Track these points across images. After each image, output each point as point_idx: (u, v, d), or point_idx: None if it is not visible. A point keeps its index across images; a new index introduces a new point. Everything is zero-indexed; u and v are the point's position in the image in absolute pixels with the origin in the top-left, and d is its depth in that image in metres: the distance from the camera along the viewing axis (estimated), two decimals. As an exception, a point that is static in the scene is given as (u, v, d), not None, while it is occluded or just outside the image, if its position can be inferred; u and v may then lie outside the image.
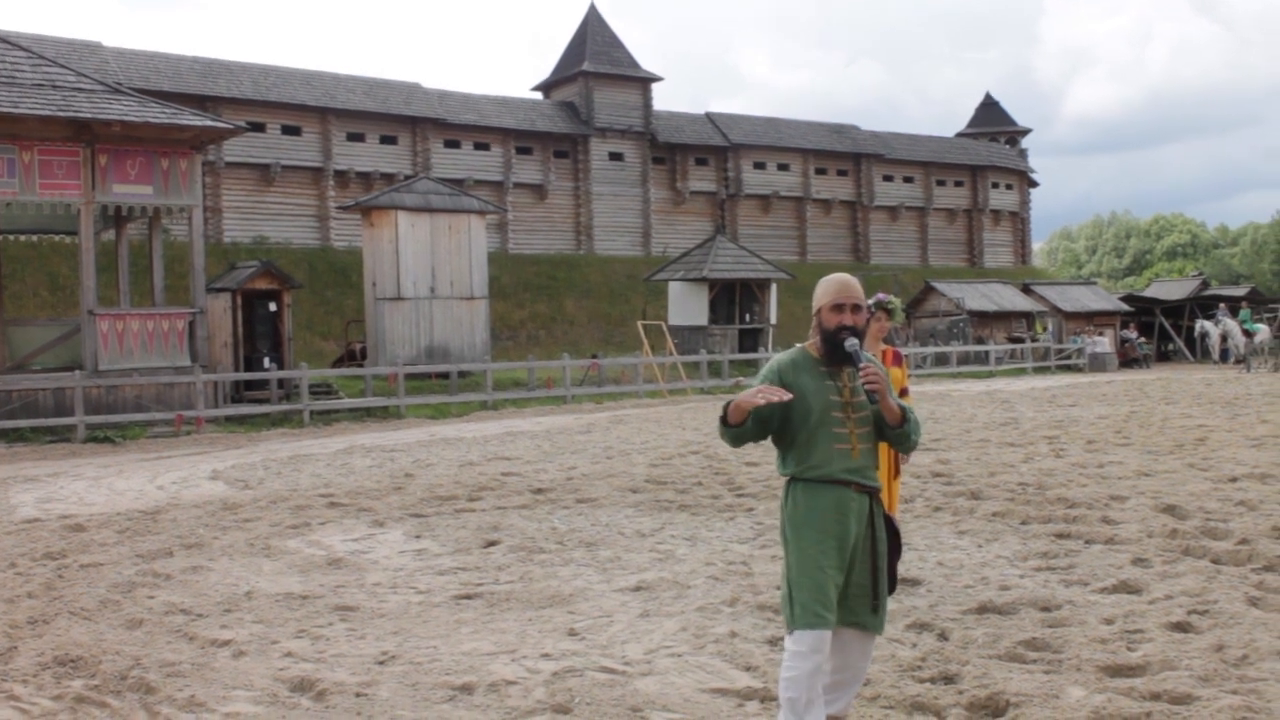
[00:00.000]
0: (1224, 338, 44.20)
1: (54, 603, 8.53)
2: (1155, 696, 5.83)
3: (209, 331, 25.98)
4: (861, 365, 4.86)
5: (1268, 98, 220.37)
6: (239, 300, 27.37)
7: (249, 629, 7.73)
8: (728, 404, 4.90)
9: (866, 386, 4.85)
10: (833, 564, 4.86)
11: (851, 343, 4.91)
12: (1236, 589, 7.96)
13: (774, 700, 5.99)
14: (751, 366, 37.61)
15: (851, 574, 4.96)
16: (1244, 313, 44.68)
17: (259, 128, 44.79)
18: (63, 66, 25.12)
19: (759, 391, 4.76)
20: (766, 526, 11.03)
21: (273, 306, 28.08)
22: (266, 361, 27.38)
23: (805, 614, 4.81)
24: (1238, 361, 42.35)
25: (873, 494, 5.02)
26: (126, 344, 24.00)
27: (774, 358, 5.13)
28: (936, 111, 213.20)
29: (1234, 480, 12.90)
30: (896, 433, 5.04)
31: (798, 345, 5.20)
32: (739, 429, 4.92)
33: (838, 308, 4.99)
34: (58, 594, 8.83)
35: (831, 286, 5.05)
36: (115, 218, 26.39)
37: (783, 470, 5.07)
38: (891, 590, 5.13)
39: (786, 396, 4.75)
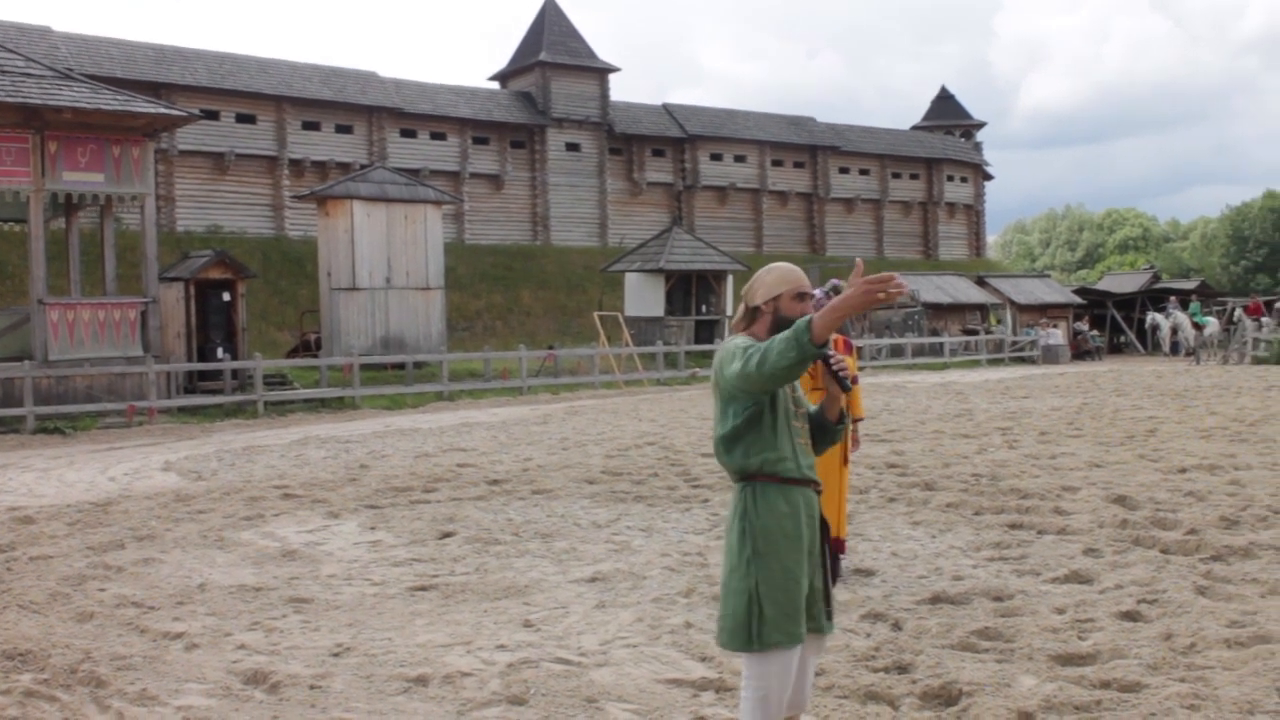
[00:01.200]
0: (1174, 331, 44.70)
1: (2, 595, 8.42)
2: (1105, 685, 5.89)
3: (162, 321, 25.73)
4: (831, 355, 4.57)
5: (1219, 94, 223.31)
6: (192, 290, 27.12)
7: (202, 621, 7.68)
8: (807, 322, 4.13)
9: (841, 373, 4.57)
10: (805, 573, 4.59)
11: None
12: (1185, 578, 8.06)
13: (728, 690, 6.02)
14: (708, 358, 37.63)
15: (813, 578, 4.72)
16: (1194, 306, 45.20)
17: (213, 116, 44.40)
18: (11, 51, 24.77)
19: (885, 278, 4.03)
20: (722, 518, 11.05)
21: (226, 296, 27.84)
22: (220, 352, 27.14)
23: (777, 632, 4.47)
24: (1188, 354, 42.84)
25: (819, 493, 4.79)
26: (77, 334, 23.73)
27: (732, 338, 4.67)
28: (894, 104, 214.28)
29: (1183, 471, 13.06)
30: (834, 429, 4.81)
31: (740, 335, 4.70)
32: (821, 349, 4.15)
33: (800, 297, 4.65)
34: (6, 587, 8.72)
35: (790, 276, 4.69)
36: (66, 206, 26.06)
37: (744, 462, 4.59)
38: (832, 584, 4.92)
39: (904, 285, 4.14)
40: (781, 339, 4.19)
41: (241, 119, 46.14)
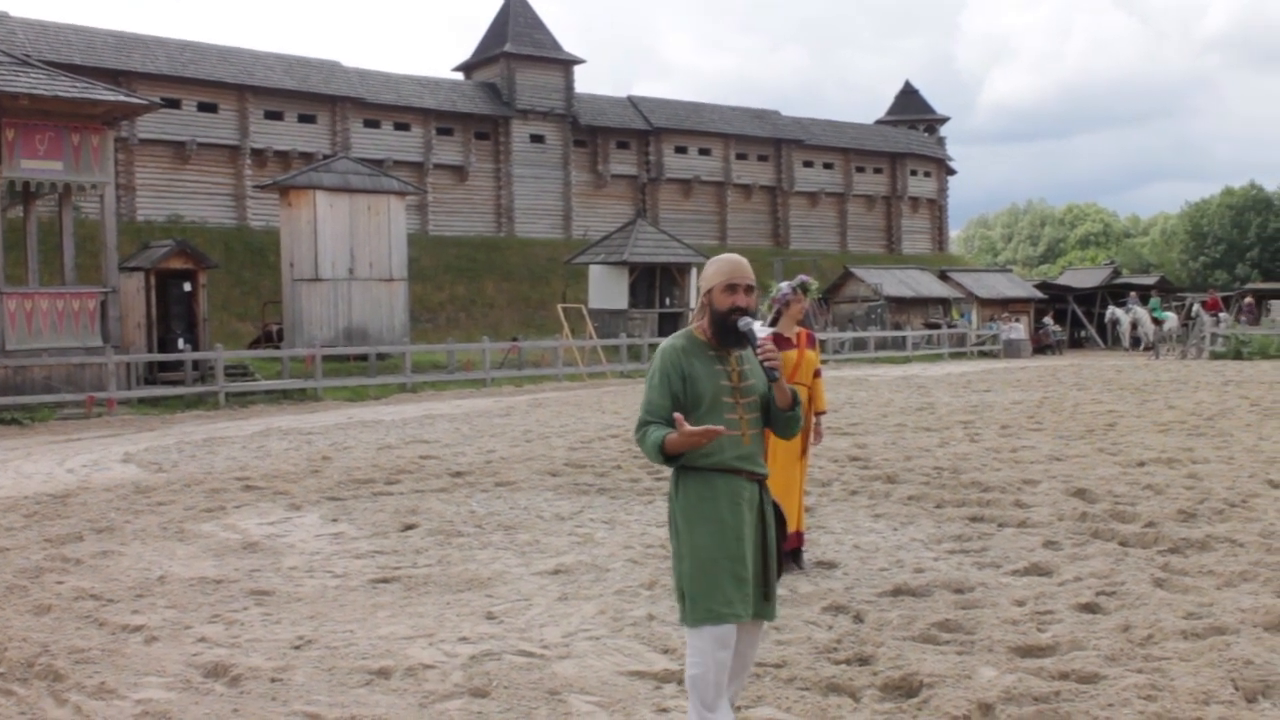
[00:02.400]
0: (1134, 325, 45.14)
1: (-41, 588, 8.34)
2: (1064, 676, 5.95)
3: (121, 311, 25.50)
4: (758, 343, 4.68)
5: (1180, 91, 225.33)
6: (153, 280, 26.91)
7: (161, 614, 7.62)
8: (663, 440, 4.57)
9: (766, 364, 4.66)
10: (732, 555, 4.65)
11: (745, 322, 4.71)
12: (1143, 571, 8.14)
13: (691, 682, 6.03)
14: (672, 350, 37.62)
15: (755, 567, 4.76)
16: (1153, 301, 45.66)
17: (174, 104, 44.01)
18: (-31, 38, 24.47)
19: (707, 433, 4.51)
20: (685, 510, 11.05)
21: (187, 286, 27.64)
22: (181, 342, 26.96)
23: (699, 610, 4.61)
24: (1147, 348, 43.25)
25: (762, 481, 4.83)
26: (35, 324, 23.49)
27: (663, 346, 4.81)
28: (858, 98, 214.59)
29: (1142, 465, 13.18)
30: (786, 417, 4.85)
31: (684, 329, 4.91)
32: (676, 460, 4.69)
33: (730, 288, 4.75)
34: (-37, 579, 8.63)
35: (725, 267, 4.81)
36: (23, 194, 25.78)
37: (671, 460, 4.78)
38: (779, 575, 4.95)
39: (724, 432, 4.59)
40: (649, 443, 4.65)
41: (203, 108, 45.76)
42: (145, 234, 39.05)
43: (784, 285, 8.62)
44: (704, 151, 59.41)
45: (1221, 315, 44.60)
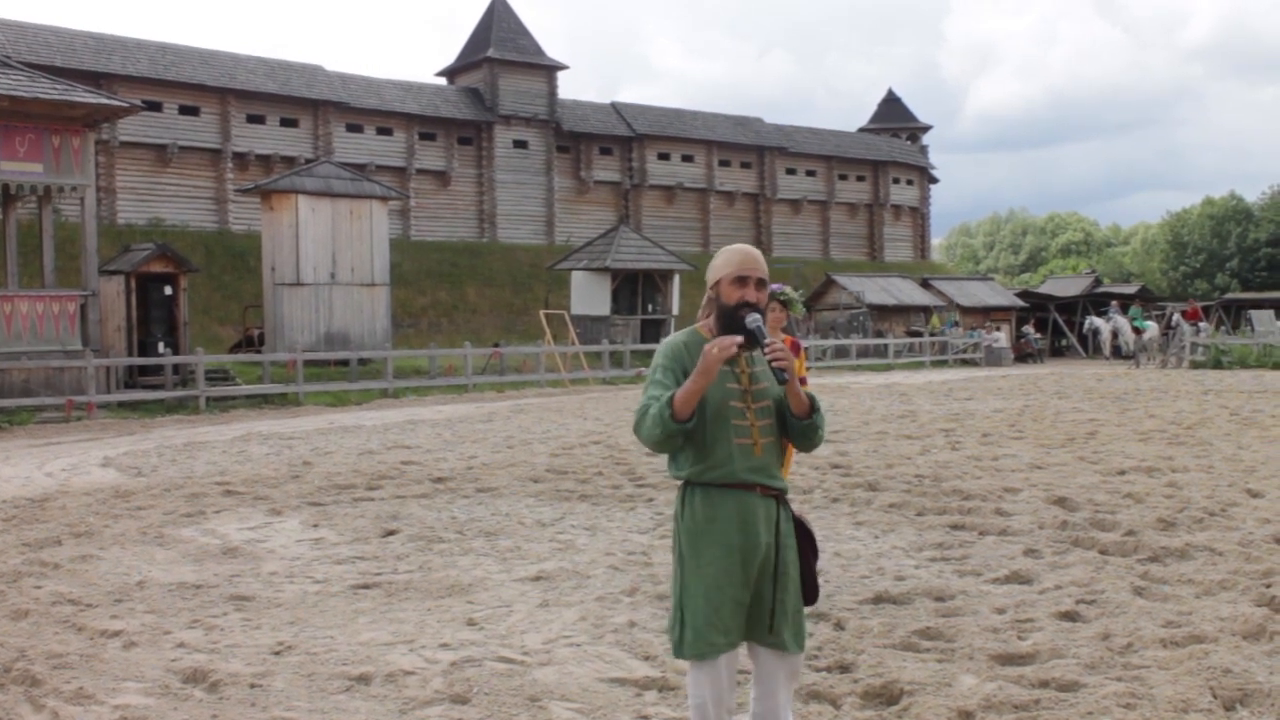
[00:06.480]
0: (1114, 334, 45.33)
1: (-65, 592, 8.28)
2: (1044, 684, 5.96)
3: (101, 315, 25.39)
4: (766, 343, 4.20)
5: (1163, 100, 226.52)
6: (133, 283, 26.80)
7: (140, 619, 7.58)
8: (669, 399, 4.18)
9: (774, 364, 4.18)
10: (736, 581, 4.29)
11: (754, 319, 4.25)
12: (1123, 579, 8.16)
13: (672, 690, 6.03)
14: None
15: (762, 589, 4.37)
16: (1134, 310, 45.83)
17: (155, 107, 43.86)
18: (-51, 39, 24.36)
19: (715, 352, 4.09)
20: (667, 516, 11.06)
21: (168, 290, 27.55)
22: (161, 346, 26.85)
23: (698, 642, 4.28)
24: (1127, 357, 43.44)
25: (779, 496, 4.42)
26: (14, 326, 23.37)
27: (665, 342, 4.44)
28: (843, 105, 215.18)
29: (1122, 473, 13.23)
30: (803, 425, 4.40)
31: (690, 327, 4.51)
32: (685, 424, 4.20)
33: (740, 281, 4.33)
34: (-61, 583, 8.57)
35: (734, 257, 4.38)
36: (3, 196, 25.66)
37: (677, 472, 4.41)
38: (812, 600, 4.55)
39: (738, 339, 4.15)
40: (652, 413, 4.19)
41: (184, 111, 45.64)
42: (126, 237, 38.89)
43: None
44: (687, 158, 59.50)
45: (1201, 325, 44.83)
